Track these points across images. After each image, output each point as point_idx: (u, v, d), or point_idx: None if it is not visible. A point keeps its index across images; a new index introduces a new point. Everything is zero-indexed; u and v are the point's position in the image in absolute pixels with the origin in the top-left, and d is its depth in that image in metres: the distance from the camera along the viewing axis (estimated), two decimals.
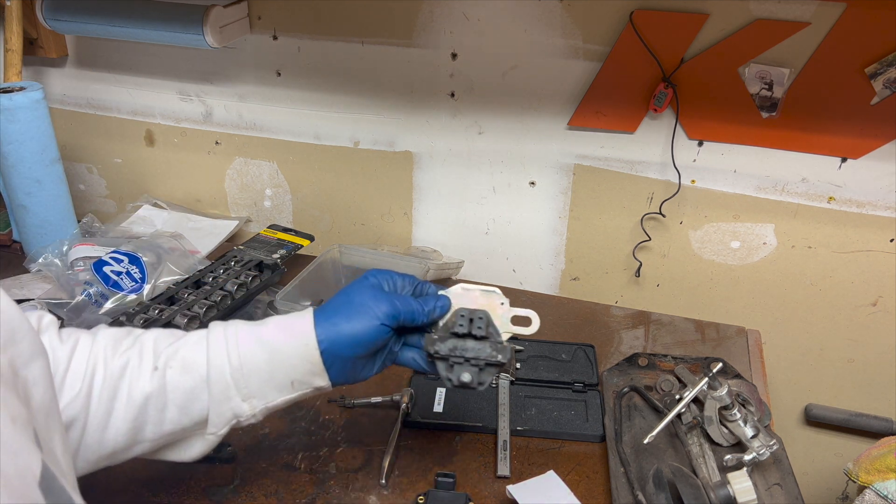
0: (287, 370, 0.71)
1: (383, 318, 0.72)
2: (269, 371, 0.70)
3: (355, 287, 0.76)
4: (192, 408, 0.69)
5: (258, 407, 0.71)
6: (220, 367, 0.69)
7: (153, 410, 0.67)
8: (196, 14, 1.22)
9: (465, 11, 1.20)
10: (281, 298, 1.11)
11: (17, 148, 1.23)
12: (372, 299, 0.74)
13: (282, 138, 1.44)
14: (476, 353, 0.76)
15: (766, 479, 0.91)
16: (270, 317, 0.74)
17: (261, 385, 0.70)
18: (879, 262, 1.18)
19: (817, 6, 1.03)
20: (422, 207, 1.41)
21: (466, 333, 0.76)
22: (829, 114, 1.10)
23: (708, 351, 1.18)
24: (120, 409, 0.66)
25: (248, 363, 0.69)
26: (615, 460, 0.93)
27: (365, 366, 0.75)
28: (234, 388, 0.69)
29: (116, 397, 0.66)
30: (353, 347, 0.72)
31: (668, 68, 1.13)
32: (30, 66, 1.53)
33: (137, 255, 1.27)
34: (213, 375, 0.69)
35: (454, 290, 0.80)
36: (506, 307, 0.79)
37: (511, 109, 1.26)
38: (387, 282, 0.78)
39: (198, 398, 0.69)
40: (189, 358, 0.69)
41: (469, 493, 0.89)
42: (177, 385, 0.68)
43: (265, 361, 0.70)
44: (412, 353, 0.79)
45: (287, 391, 0.72)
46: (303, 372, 0.71)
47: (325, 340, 0.71)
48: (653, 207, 1.26)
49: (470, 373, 0.75)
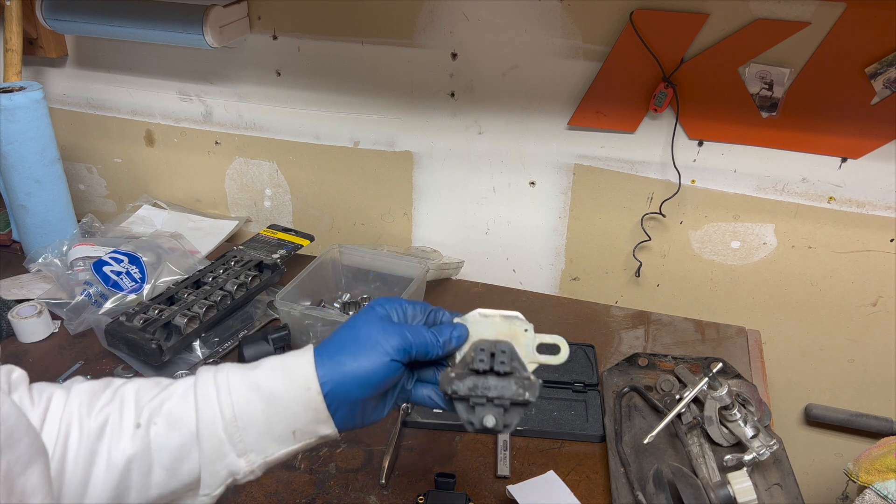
0: (287, 419, 0.62)
1: (393, 352, 0.64)
2: (266, 422, 0.62)
3: (361, 319, 0.68)
4: (181, 468, 0.61)
5: (256, 462, 0.62)
6: (212, 421, 0.61)
7: (137, 474, 0.60)
8: (196, 14, 1.22)
9: (465, 11, 1.19)
10: (281, 298, 1.11)
11: (17, 148, 1.23)
12: (380, 332, 0.65)
13: (282, 138, 1.44)
14: (500, 391, 0.67)
15: (766, 479, 0.91)
16: (265, 358, 0.66)
17: (258, 438, 0.62)
18: (879, 262, 1.18)
19: (817, 6, 1.03)
20: (422, 207, 1.41)
21: (488, 370, 0.67)
22: (829, 114, 1.10)
23: (708, 351, 1.18)
24: (99, 475, 0.58)
25: (244, 414, 0.61)
26: (615, 460, 0.93)
27: (375, 407, 0.67)
28: (228, 444, 0.61)
29: (94, 462, 0.59)
30: (361, 388, 0.64)
31: (668, 68, 1.13)
32: (30, 66, 1.53)
33: (137, 255, 1.27)
34: (203, 430, 0.61)
35: (471, 316, 0.72)
36: (530, 333, 0.71)
37: (511, 109, 1.26)
38: (396, 311, 0.70)
39: (187, 457, 0.61)
40: (176, 412, 0.61)
41: (469, 493, 0.89)
42: (163, 444, 0.60)
43: (262, 411, 0.62)
44: (427, 389, 0.71)
45: (289, 442, 0.63)
46: (305, 420, 0.63)
47: (328, 382, 0.63)
48: (653, 207, 1.26)
49: (494, 415, 0.66)
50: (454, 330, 0.69)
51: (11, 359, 1.14)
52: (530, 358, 0.71)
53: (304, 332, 1.12)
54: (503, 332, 0.71)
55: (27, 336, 1.17)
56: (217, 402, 0.61)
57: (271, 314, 1.25)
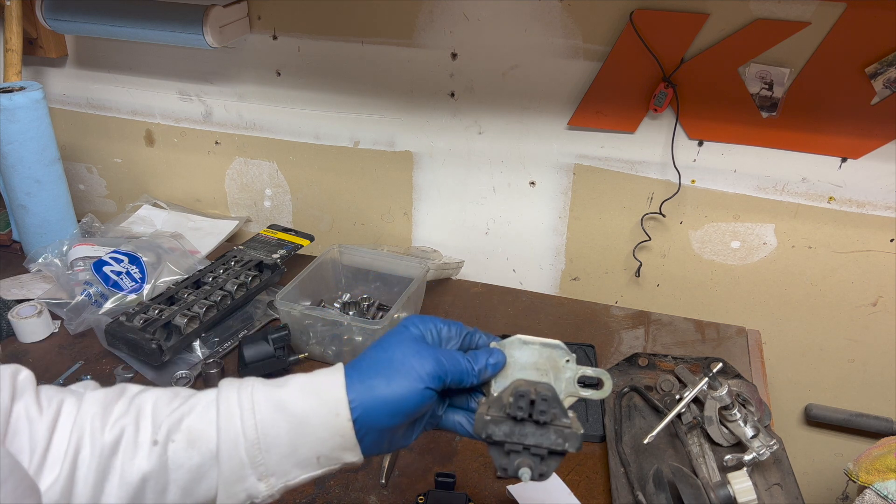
0: (313, 444, 0.59)
1: (428, 379, 0.60)
2: (291, 445, 0.59)
3: (395, 339, 0.64)
4: (197, 489, 0.58)
5: (276, 486, 0.60)
6: (234, 441, 0.58)
7: (151, 494, 0.57)
8: (196, 14, 1.22)
9: (465, 11, 1.19)
10: (281, 298, 1.11)
11: (17, 148, 1.23)
12: (415, 355, 0.61)
13: (282, 138, 1.44)
14: (537, 440, 0.62)
15: (766, 479, 0.91)
16: (293, 376, 0.63)
17: (281, 461, 0.59)
18: (879, 262, 1.18)
19: (817, 6, 1.03)
20: (422, 207, 1.41)
21: (526, 417, 0.62)
22: (829, 114, 1.10)
23: (708, 351, 1.18)
24: (111, 492, 0.56)
25: (267, 436, 0.58)
26: (615, 460, 0.93)
27: (403, 434, 0.64)
28: (249, 467, 0.58)
29: (107, 479, 0.56)
30: (392, 416, 0.60)
31: (668, 68, 1.13)
32: (30, 66, 1.53)
33: (137, 255, 1.27)
34: (224, 451, 0.58)
35: (511, 341, 0.67)
36: (572, 364, 0.67)
37: (511, 109, 1.26)
38: (430, 332, 0.66)
39: (205, 477, 0.58)
40: (196, 429, 0.58)
41: (469, 493, 0.89)
42: (181, 462, 0.57)
43: (287, 433, 0.59)
44: (458, 416, 0.67)
45: (312, 468, 0.60)
46: (331, 446, 0.60)
47: (358, 407, 0.59)
48: (653, 207, 1.26)
49: (529, 466, 0.62)
50: (490, 357, 0.66)
51: (11, 359, 1.14)
52: (570, 391, 0.67)
53: (304, 332, 1.12)
54: (542, 360, 0.67)
55: (27, 336, 1.17)
56: (240, 422, 0.58)
57: (271, 314, 1.25)
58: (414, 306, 1.22)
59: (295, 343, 1.14)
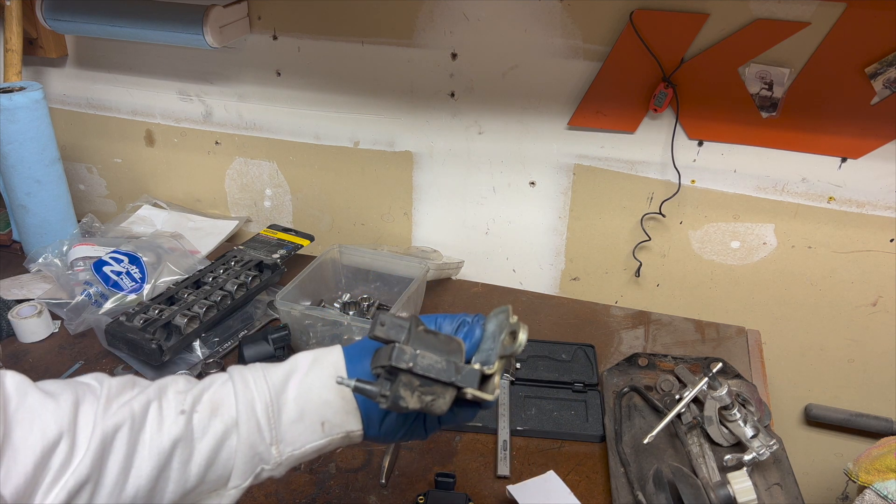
0: (318, 407, 0.65)
1: None
2: (299, 410, 0.65)
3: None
4: (218, 460, 0.62)
5: (284, 453, 0.65)
6: (251, 403, 0.63)
7: (178, 463, 0.60)
8: (196, 14, 1.22)
9: (465, 11, 1.19)
10: (281, 298, 1.11)
11: (17, 148, 1.23)
12: None
13: (282, 138, 1.44)
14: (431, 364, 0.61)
15: (766, 479, 0.91)
16: (295, 355, 0.69)
17: (290, 426, 0.64)
18: (879, 262, 1.18)
19: (817, 6, 1.03)
20: (422, 207, 1.41)
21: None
22: (829, 114, 1.10)
23: (708, 351, 1.18)
24: (142, 463, 0.58)
25: (279, 398, 0.64)
26: (615, 460, 0.93)
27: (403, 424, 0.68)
28: (266, 428, 0.63)
29: (136, 450, 0.59)
30: None
31: (668, 68, 1.13)
32: (30, 66, 1.53)
33: (137, 255, 1.27)
34: (242, 413, 0.63)
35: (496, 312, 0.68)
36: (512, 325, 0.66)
37: (511, 109, 1.26)
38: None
39: (225, 446, 0.62)
40: (216, 399, 0.63)
41: (469, 493, 0.89)
42: (205, 430, 0.61)
43: (294, 399, 0.65)
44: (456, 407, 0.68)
45: (317, 434, 0.65)
46: (335, 410, 0.65)
47: (354, 375, 0.65)
48: (653, 207, 1.26)
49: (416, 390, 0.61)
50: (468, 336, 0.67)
51: (11, 359, 1.14)
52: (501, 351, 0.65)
53: (304, 332, 1.12)
54: (498, 329, 0.67)
55: (27, 336, 1.17)
56: (254, 385, 0.64)
57: (271, 314, 1.25)
58: (414, 306, 1.22)
59: (295, 343, 1.14)
